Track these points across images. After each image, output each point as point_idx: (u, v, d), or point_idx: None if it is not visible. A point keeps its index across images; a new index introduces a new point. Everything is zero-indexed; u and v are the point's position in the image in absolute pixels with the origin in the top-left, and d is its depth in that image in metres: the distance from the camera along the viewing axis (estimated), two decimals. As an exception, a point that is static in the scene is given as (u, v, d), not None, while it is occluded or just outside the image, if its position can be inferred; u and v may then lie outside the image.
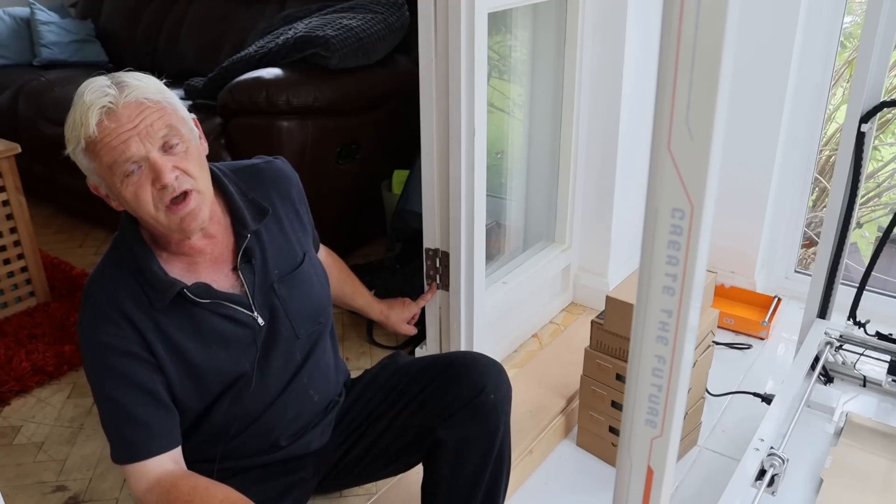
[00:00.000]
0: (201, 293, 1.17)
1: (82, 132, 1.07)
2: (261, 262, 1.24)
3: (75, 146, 1.10)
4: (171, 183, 1.08)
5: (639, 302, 0.62)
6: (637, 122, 2.23)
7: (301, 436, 1.35)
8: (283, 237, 1.28)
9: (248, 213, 1.23)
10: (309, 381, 1.33)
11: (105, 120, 1.06)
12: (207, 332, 1.19)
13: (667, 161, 0.55)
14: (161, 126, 1.08)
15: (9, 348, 2.17)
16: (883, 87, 1.77)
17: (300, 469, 1.36)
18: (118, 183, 1.08)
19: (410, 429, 1.36)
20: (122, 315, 1.14)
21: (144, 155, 1.07)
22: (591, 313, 2.32)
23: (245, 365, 1.23)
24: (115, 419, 1.16)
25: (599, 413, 1.78)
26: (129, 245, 1.17)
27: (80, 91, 1.10)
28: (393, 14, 2.51)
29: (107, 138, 1.06)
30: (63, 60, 3.54)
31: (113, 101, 1.06)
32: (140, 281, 1.15)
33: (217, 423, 1.26)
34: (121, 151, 1.06)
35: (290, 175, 1.35)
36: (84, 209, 3.10)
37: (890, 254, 3.24)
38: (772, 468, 1.48)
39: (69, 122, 1.10)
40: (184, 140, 1.11)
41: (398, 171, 2.47)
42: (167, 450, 1.17)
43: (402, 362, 1.45)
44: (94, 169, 1.10)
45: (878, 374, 2.01)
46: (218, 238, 1.21)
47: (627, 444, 0.68)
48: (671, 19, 0.51)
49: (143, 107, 1.08)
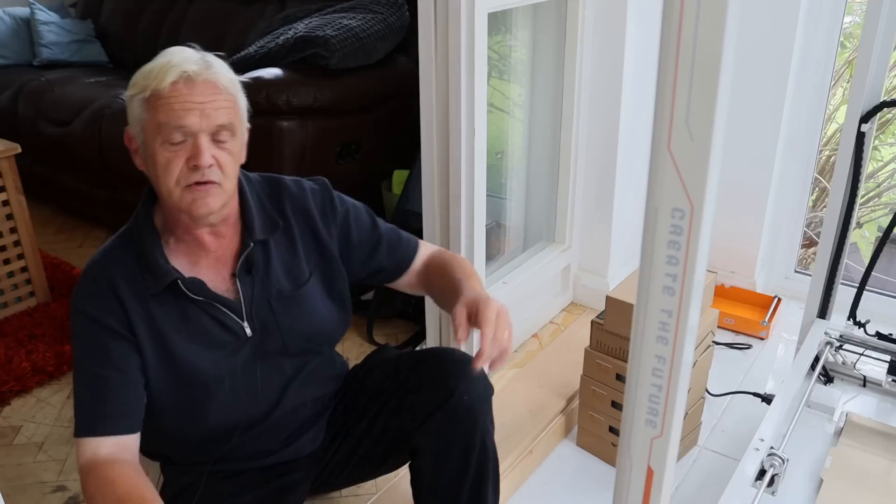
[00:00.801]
0: (195, 288, 1.18)
1: (153, 83, 1.07)
2: (262, 274, 1.23)
3: (138, 93, 1.10)
4: (204, 168, 1.09)
5: (639, 302, 0.62)
6: (637, 123, 2.23)
7: (293, 441, 1.34)
8: (291, 254, 1.27)
9: (259, 223, 1.22)
10: (302, 391, 1.32)
11: (181, 83, 1.07)
12: (194, 328, 1.19)
13: (667, 161, 0.55)
14: (223, 116, 1.10)
15: (9, 348, 2.17)
16: (883, 87, 1.77)
17: (293, 471, 1.35)
18: (157, 144, 1.09)
19: (389, 431, 1.34)
20: (112, 291, 1.15)
21: (195, 131, 1.08)
22: (591, 313, 2.32)
23: (223, 370, 1.22)
24: (80, 390, 1.16)
25: (599, 413, 1.78)
26: (140, 227, 1.18)
27: (169, 50, 1.12)
28: (393, 14, 2.51)
29: (172, 99, 1.07)
30: (63, 60, 3.54)
31: (196, 70, 1.08)
32: (140, 263, 1.16)
33: (207, 428, 1.25)
34: (178, 116, 1.07)
35: (317, 195, 1.31)
36: (84, 209, 3.10)
37: (890, 254, 3.24)
38: (772, 468, 1.48)
39: (144, 70, 1.10)
40: (233, 139, 1.13)
41: (398, 171, 2.47)
42: (115, 433, 1.14)
43: (384, 357, 1.44)
44: (144, 121, 1.10)
45: (878, 374, 2.01)
46: (226, 240, 1.21)
47: (627, 444, 0.68)
48: (671, 19, 0.51)
49: (217, 90, 1.10)
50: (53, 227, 3.13)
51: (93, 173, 2.89)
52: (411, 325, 2.29)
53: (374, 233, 1.36)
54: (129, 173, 3.04)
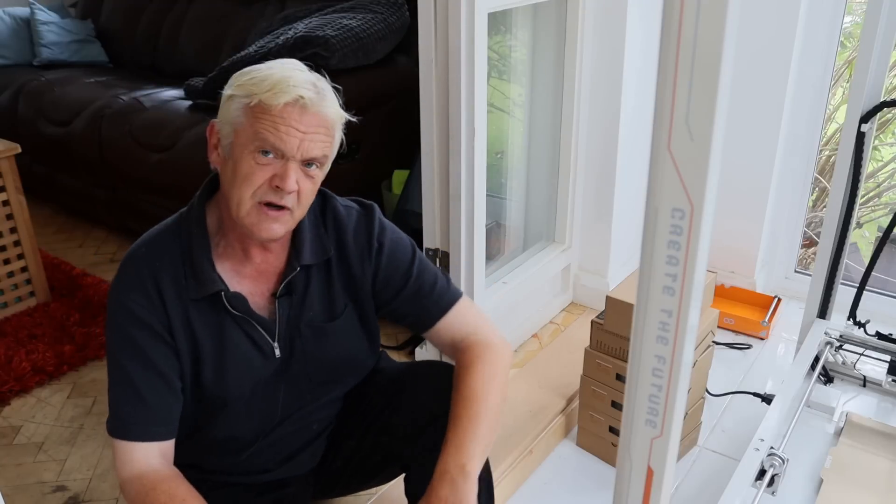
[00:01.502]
0: (236, 304, 1.16)
1: (264, 95, 1.06)
2: (301, 297, 1.22)
3: (244, 95, 1.08)
4: (286, 192, 1.08)
5: (639, 302, 0.62)
6: (637, 122, 2.23)
7: (293, 458, 1.34)
8: (328, 285, 1.24)
9: (309, 248, 1.20)
10: (313, 415, 1.31)
11: (294, 107, 1.06)
12: (228, 341, 1.18)
13: (667, 161, 0.55)
14: (320, 150, 1.10)
15: (9, 348, 2.17)
16: (883, 87, 1.77)
17: (289, 485, 1.35)
18: (246, 150, 1.07)
19: (378, 448, 1.33)
20: (156, 290, 1.13)
21: (290, 156, 1.07)
22: (591, 313, 2.32)
23: (245, 386, 1.21)
24: (121, 390, 1.14)
25: (599, 413, 1.78)
26: (191, 226, 1.16)
27: (291, 65, 1.11)
28: (393, 14, 2.51)
29: (279, 119, 1.06)
30: (63, 60, 3.54)
31: (311, 100, 1.07)
32: (186, 264, 1.14)
33: (209, 438, 1.25)
34: (279, 136, 1.06)
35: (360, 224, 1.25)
36: (84, 209, 3.10)
37: (890, 254, 3.24)
38: (772, 468, 1.48)
39: (257, 76, 1.08)
40: (320, 173, 1.13)
41: (398, 171, 2.47)
42: (161, 439, 1.15)
43: (377, 367, 1.41)
44: (239, 123, 1.08)
45: (878, 374, 2.01)
46: (273, 255, 1.19)
47: (627, 444, 0.68)
48: (671, 19, 0.51)
49: (323, 125, 1.10)
50: (53, 227, 3.13)
51: (93, 173, 2.89)
52: (411, 325, 2.29)
53: (405, 274, 1.27)
54: (129, 173, 3.05)
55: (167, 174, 2.58)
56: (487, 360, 1.21)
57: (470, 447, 1.10)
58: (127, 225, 2.88)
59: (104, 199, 2.91)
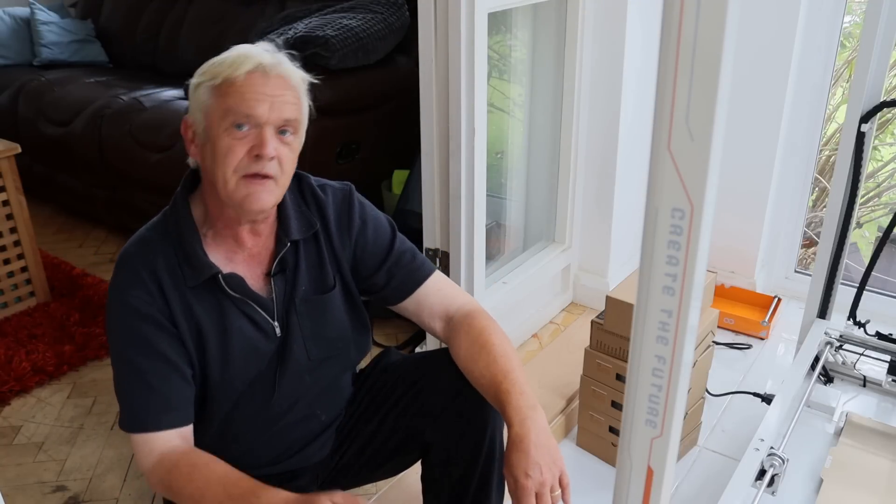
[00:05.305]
0: (234, 285, 1.17)
1: (227, 71, 1.09)
2: (292, 274, 1.23)
3: (207, 80, 1.11)
4: (266, 158, 1.09)
5: (639, 302, 0.62)
6: (637, 122, 2.23)
7: (301, 450, 1.34)
8: (318, 259, 1.26)
9: (296, 223, 1.22)
10: (317, 403, 1.32)
11: (256, 73, 1.09)
12: (230, 325, 1.18)
13: (667, 161, 0.55)
14: (291, 111, 1.11)
15: (9, 348, 2.17)
16: (883, 87, 1.77)
17: (298, 478, 1.36)
18: (221, 129, 1.09)
19: (399, 430, 1.35)
20: (155, 282, 1.13)
21: (262, 122, 1.09)
22: (591, 313, 2.32)
23: (251, 370, 1.22)
24: (131, 385, 1.15)
25: (599, 413, 1.78)
26: (177, 219, 1.17)
27: (241, 46, 1.14)
28: (393, 14, 2.51)
29: (245, 87, 1.08)
30: (63, 60, 3.54)
31: (271, 63, 1.10)
32: (179, 255, 1.15)
33: (219, 429, 1.25)
34: (248, 104, 1.08)
35: (337, 201, 1.29)
36: (84, 209, 3.10)
37: (890, 254, 3.24)
38: (772, 468, 1.48)
39: (217, 60, 1.12)
40: (295, 138, 1.15)
41: (398, 171, 2.47)
42: (178, 425, 1.15)
43: (391, 360, 1.44)
44: (209, 106, 1.10)
45: (878, 374, 2.01)
46: (262, 238, 1.21)
47: (627, 444, 0.68)
48: (671, 19, 0.51)
49: (288, 87, 1.12)
50: (53, 227, 3.13)
51: (93, 173, 2.89)
52: (411, 325, 2.29)
53: (387, 249, 1.31)
54: (129, 173, 3.05)
55: (167, 174, 2.58)
56: (486, 316, 1.32)
57: (526, 389, 1.19)
58: (127, 225, 2.87)
59: (104, 199, 2.91)
